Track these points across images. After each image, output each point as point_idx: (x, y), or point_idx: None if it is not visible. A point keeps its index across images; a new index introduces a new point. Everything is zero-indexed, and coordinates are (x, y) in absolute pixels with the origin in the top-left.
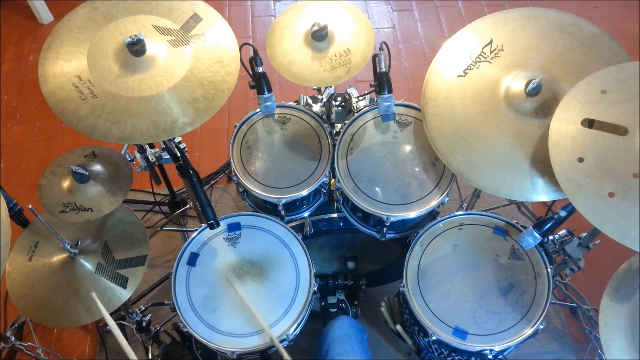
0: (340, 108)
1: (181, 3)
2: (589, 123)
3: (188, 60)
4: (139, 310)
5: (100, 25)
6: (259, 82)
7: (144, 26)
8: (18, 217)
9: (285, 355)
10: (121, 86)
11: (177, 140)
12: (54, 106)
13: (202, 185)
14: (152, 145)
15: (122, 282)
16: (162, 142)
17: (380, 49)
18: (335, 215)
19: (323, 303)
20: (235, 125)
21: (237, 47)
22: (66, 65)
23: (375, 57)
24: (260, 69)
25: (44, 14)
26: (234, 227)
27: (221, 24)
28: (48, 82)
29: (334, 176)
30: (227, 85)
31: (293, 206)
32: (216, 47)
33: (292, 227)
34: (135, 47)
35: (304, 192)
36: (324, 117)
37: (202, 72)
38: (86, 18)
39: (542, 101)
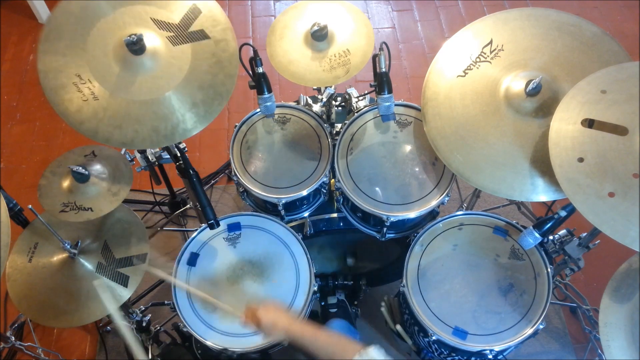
0: (340, 108)
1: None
2: (589, 123)
3: (188, 60)
4: (139, 310)
5: (96, 19)
6: (259, 82)
7: (144, 20)
8: (18, 217)
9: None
10: (121, 89)
11: None
12: (55, 106)
13: (202, 185)
14: None
15: (123, 280)
16: None
17: (380, 49)
18: (335, 215)
19: (323, 303)
20: (235, 125)
21: (237, 48)
22: (64, 60)
23: (375, 57)
24: (260, 69)
25: (44, 14)
26: (234, 227)
27: (221, 23)
28: (48, 77)
29: (334, 176)
30: (226, 88)
31: (293, 206)
32: (216, 47)
33: (292, 227)
34: (135, 47)
35: (304, 192)
36: (324, 117)
37: (202, 74)
38: (81, 10)
39: (542, 101)
